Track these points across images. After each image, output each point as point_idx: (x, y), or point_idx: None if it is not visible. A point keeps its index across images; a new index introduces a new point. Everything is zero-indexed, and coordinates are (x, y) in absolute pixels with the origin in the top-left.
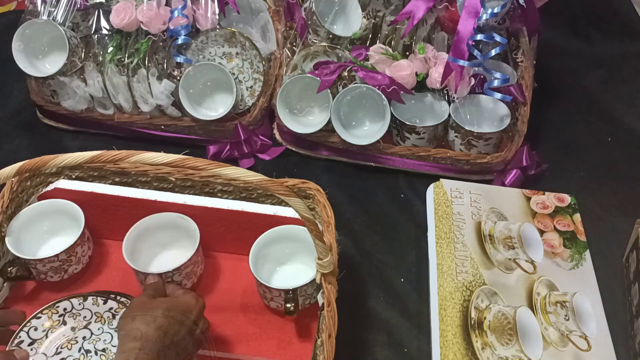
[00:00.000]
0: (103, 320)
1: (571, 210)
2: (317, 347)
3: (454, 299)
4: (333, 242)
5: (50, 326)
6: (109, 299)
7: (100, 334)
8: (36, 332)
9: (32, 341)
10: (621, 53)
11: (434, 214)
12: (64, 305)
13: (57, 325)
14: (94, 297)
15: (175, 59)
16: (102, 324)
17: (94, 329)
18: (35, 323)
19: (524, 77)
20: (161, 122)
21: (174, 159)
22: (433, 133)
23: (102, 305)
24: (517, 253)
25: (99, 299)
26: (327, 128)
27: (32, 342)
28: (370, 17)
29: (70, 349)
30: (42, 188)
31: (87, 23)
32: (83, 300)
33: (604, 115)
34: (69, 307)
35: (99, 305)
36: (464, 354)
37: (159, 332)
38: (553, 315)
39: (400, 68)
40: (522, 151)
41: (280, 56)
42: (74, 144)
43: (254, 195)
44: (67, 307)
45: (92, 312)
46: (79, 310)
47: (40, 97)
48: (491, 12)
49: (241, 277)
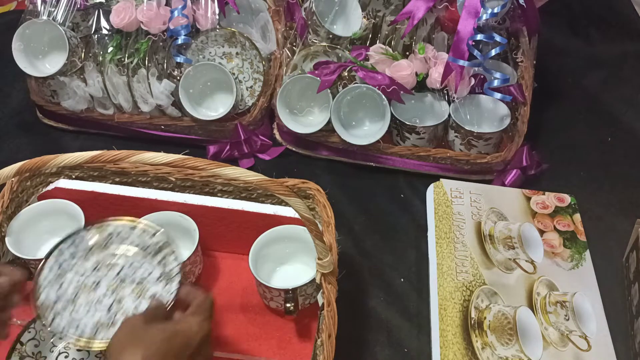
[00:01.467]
0: (146, 252)
1: (571, 210)
2: (317, 347)
3: (454, 298)
4: (333, 242)
5: (94, 244)
6: (157, 233)
7: (140, 266)
8: (79, 247)
9: (72, 256)
10: (621, 53)
11: (434, 214)
12: (112, 228)
13: (100, 246)
14: (143, 229)
15: (175, 59)
16: (143, 257)
17: (136, 259)
18: (84, 234)
19: (524, 77)
20: (161, 122)
21: (174, 159)
22: (433, 133)
23: (148, 238)
24: (517, 253)
25: (146, 231)
26: (327, 128)
27: (72, 256)
28: (370, 17)
29: (107, 273)
30: (42, 188)
31: (87, 23)
32: (132, 227)
33: (604, 115)
34: (117, 230)
35: (147, 237)
36: (464, 354)
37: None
38: (553, 315)
39: (400, 68)
40: (522, 151)
41: (280, 56)
42: (74, 144)
43: (254, 195)
44: (114, 230)
45: (137, 241)
46: (125, 237)
47: (40, 97)
48: (491, 12)
49: (241, 277)
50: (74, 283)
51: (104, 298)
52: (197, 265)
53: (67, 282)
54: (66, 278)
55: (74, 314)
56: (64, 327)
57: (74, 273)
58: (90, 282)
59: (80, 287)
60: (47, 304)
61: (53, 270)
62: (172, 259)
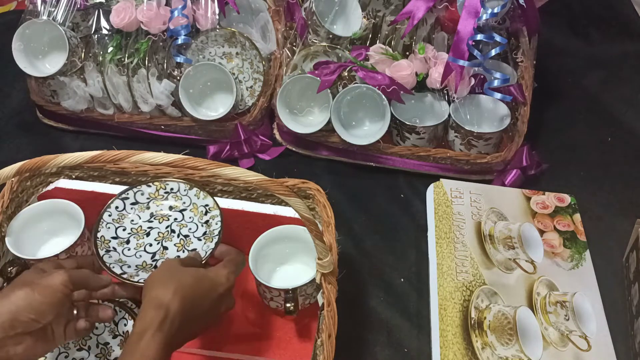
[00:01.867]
0: (196, 211)
1: (571, 210)
2: (317, 347)
3: (454, 298)
4: (333, 242)
5: (154, 196)
6: (209, 197)
7: (190, 222)
8: (142, 196)
9: (135, 202)
10: (621, 53)
11: (434, 214)
12: (172, 185)
13: (159, 198)
14: (198, 190)
15: (175, 59)
16: (194, 215)
17: (187, 215)
18: (144, 189)
19: (524, 77)
20: (161, 122)
21: (174, 159)
22: (433, 133)
23: (201, 199)
24: (517, 253)
25: (201, 193)
26: (327, 128)
27: (134, 202)
28: (370, 17)
29: (161, 223)
30: (42, 188)
31: (87, 23)
32: (189, 188)
33: (604, 115)
34: (176, 188)
35: (199, 198)
36: (464, 354)
37: (183, 303)
38: (553, 315)
39: (400, 68)
40: (522, 151)
41: (280, 56)
42: (74, 144)
43: (254, 195)
44: (174, 187)
45: (191, 201)
46: (182, 195)
47: (40, 97)
48: (491, 12)
49: (241, 277)
50: (130, 227)
51: (152, 245)
52: None
53: (125, 225)
54: (125, 221)
55: (123, 254)
56: (111, 263)
57: (132, 218)
58: (144, 229)
59: (134, 231)
60: (104, 239)
61: (117, 211)
62: (216, 221)
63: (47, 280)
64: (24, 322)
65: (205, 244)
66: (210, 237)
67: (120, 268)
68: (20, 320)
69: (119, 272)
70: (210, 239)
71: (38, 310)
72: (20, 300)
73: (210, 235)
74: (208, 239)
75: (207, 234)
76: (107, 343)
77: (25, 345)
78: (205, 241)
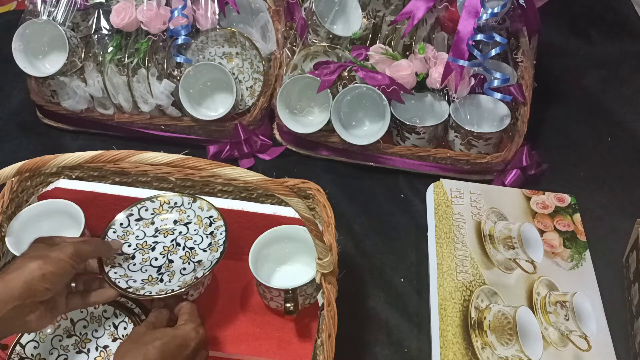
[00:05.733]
0: (201, 224)
1: (571, 210)
2: (317, 347)
3: (454, 298)
4: (333, 242)
5: (158, 212)
6: (213, 208)
7: (195, 234)
8: (146, 212)
9: (139, 218)
10: (621, 53)
11: (434, 214)
12: (176, 199)
13: (163, 212)
14: (202, 201)
15: (175, 59)
16: (199, 227)
17: (192, 228)
18: (148, 205)
19: (524, 77)
20: (161, 122)
21: (174, 159)
22: (433, 133)
23: (205, 211)
24: (517, 253)
25: (205, 205)
26: (327, 128)
27: (139, 219)
28: (370, 17)
29: (166, 237)
30: (42, 188)
31: (87, 23)
32: (192, 201)
33: (604, 115)
34: (180, 202)
35: (203, 210)
36: (464, 354)
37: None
38: (553, 315)
39: (400, 68)
40: (522, 151)
41: (280, 56)
42: (74, 144)
43: (254, 195)
44: (178, 201)
45: (195, 214)
46: (186, 208)
47: (40, 97)
48: (491, 12)
49: (241, 277)
50: (135, 242)
51: (157, 259)
52: None
53: (130, 241)
54: (130, 237)
55: (128, 269)
56: (117, 279)
57: (137, 234)
58: (149, 243)
59: (139, 247)
60: None
61: (122, 228)
62: (220, 232)
63: (57, 252)
64: (39, 290)
65: (210, 254)
66: (216, 248)
67: (125, 283)
68: (35, 289)
69: (125, 286)
70: (215, 249)
71: (51, 280)
72: (34, 271)
73: (215, 246)
74: (213, 249)
75: (212, 244)
76: (106, 346)
77: (39, 312)
78: (210, 252)
